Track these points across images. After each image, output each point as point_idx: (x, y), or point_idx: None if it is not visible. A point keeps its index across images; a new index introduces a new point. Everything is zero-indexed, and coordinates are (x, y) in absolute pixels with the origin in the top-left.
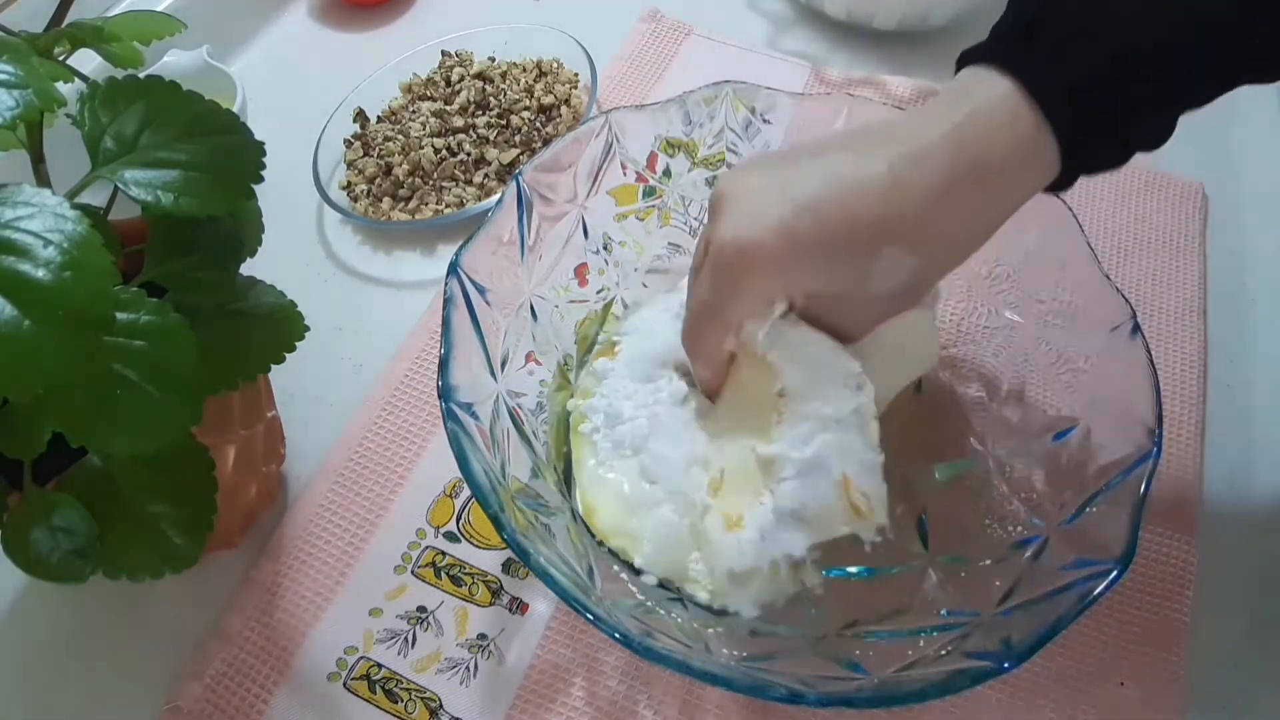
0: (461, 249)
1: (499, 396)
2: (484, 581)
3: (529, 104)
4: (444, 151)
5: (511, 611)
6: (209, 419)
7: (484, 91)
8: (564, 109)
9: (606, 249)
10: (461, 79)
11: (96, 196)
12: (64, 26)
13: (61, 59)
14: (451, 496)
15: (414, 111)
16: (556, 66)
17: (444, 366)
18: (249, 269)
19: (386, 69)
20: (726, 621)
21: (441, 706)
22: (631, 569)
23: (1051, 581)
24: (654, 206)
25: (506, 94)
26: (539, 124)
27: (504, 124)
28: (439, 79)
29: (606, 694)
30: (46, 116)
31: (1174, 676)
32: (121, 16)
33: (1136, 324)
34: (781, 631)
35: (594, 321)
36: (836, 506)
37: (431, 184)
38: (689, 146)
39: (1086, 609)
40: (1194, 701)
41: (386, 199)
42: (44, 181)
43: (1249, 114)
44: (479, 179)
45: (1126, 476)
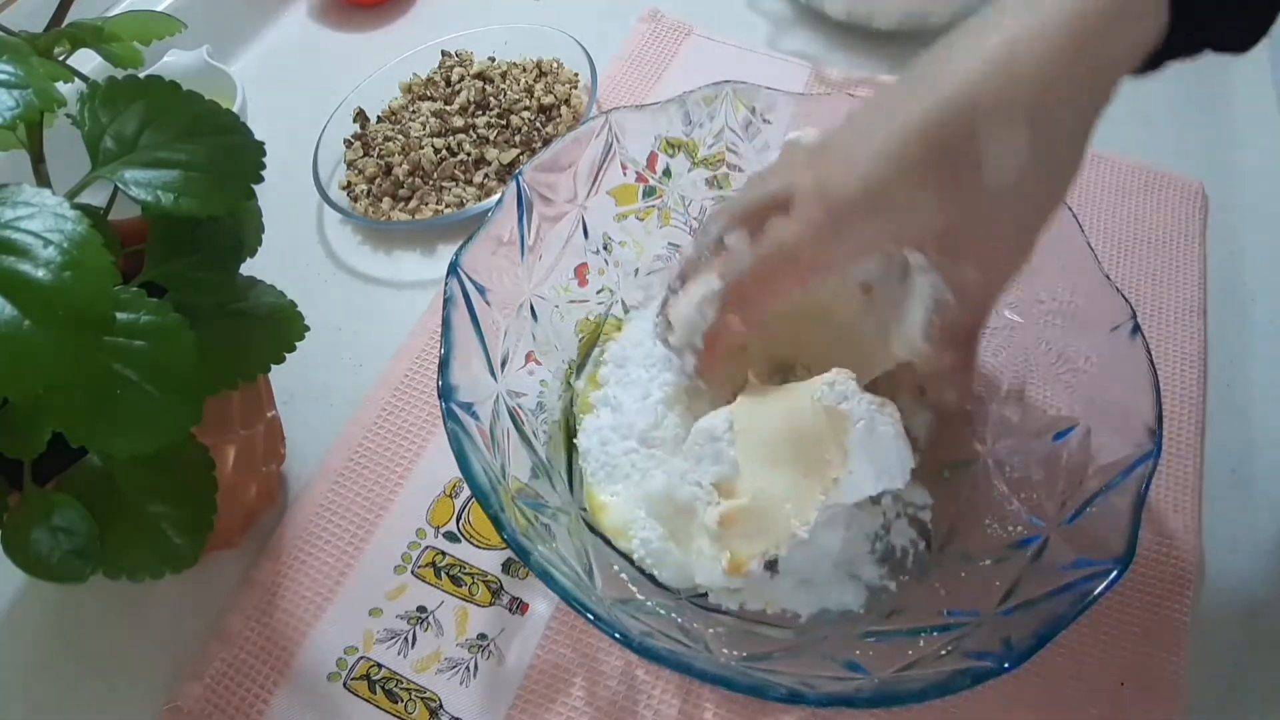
0: (462, 249)
1: (499, 396)
2: (484, 581)
3: (529, 104)
4: (444, 151)
5: (511, 611)
6: (209, 419)
7: (484, 91)
8: (564, 109)
9: (606, 249)
10: (461, 79)
11: (96, 196)
12: (64, 26)
13: (61, 59)
14: (451, 496)
15: (414, 111)
16: (556, 66)
17: (444, 366)
18: (249, 269)
19: (386, 69)
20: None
21: (441, 706)
22: (638, 570)
23: (1051, 581)
24: (654, 206)
25: (506, 94)
26: (539, 124)
27: (504, 124)
28: (439, 79)
29: (606, 694)
30: (46, 116)
31: (1174, 676)
32: (121, 16)
33: (1136, 324)
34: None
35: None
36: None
37: (431, 184)
38: (689, 146)
39: (1086, 609)
40: (1194, 701)
41: (386, 199)
42: (44, 181)
43: (1249, 114)
44: (479, 179)
45: (1126, 476)
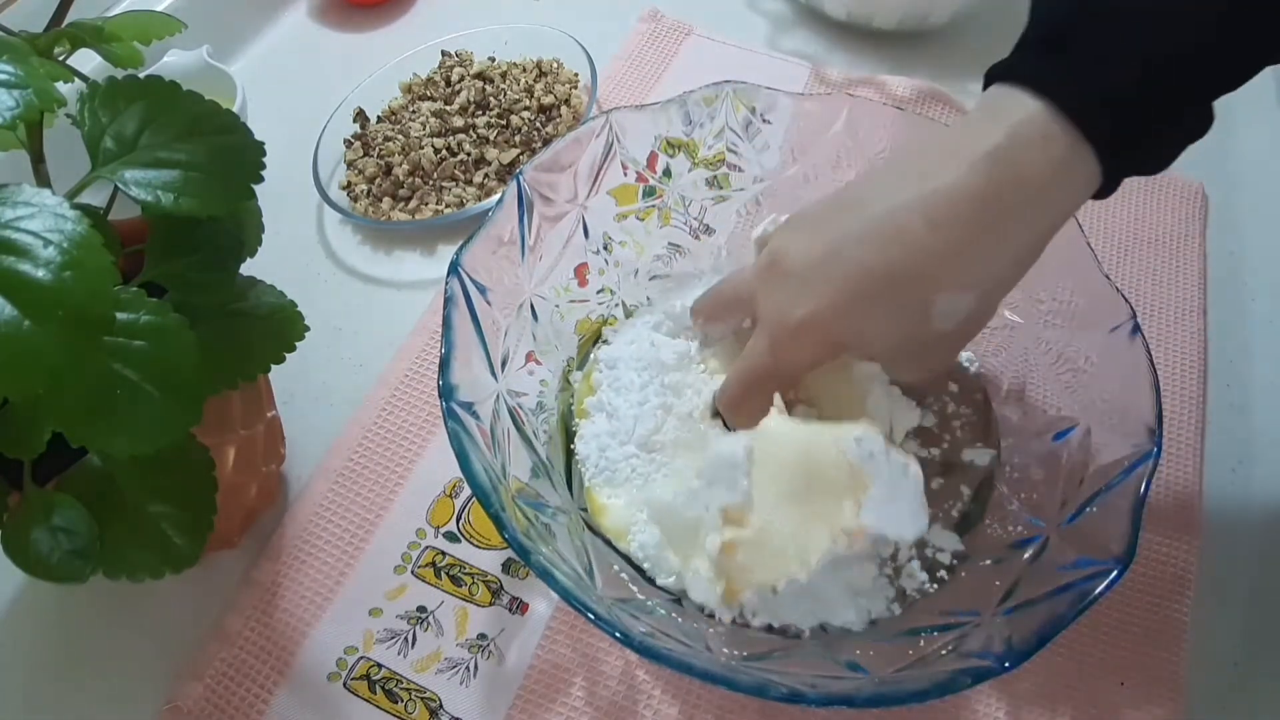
0: (462, 249)
1: (499, 396)
2: (484, 581)
3: (529, 104)
4: (444, 151)
5: (511, 611)
6: (209, 419)
7: (484, 91)
8: (564, 109)
9: (607, 249)
10: (461, 79)
11: (96, 196)
12: (64, 26)
13: (61, 59)
14: (451, 496)
15: (414, 111)
16: (556, 66)
17: (444, 366)
18: (249, 269)
19: (386, 69)
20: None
21: (441, 706)
22: (638, 570)
23: (1051, 581)
24: (654, 206)
25: (506, 94)
26: (539, 124)
27: (504, 124)
28: (439, 79)
29: (606, 694)
30: (46, 116)
31: (1174, 676)
32: (121, 16)
33: (1136, 324)
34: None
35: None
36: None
37: (431, 184)
38: (689, 146)
39: (1086, 609)
40: (1194, 701)
41: (386, 199)
42: (44, 181)
43: (1249, 114)
44: (479, 179)
45: (1126, 476)
